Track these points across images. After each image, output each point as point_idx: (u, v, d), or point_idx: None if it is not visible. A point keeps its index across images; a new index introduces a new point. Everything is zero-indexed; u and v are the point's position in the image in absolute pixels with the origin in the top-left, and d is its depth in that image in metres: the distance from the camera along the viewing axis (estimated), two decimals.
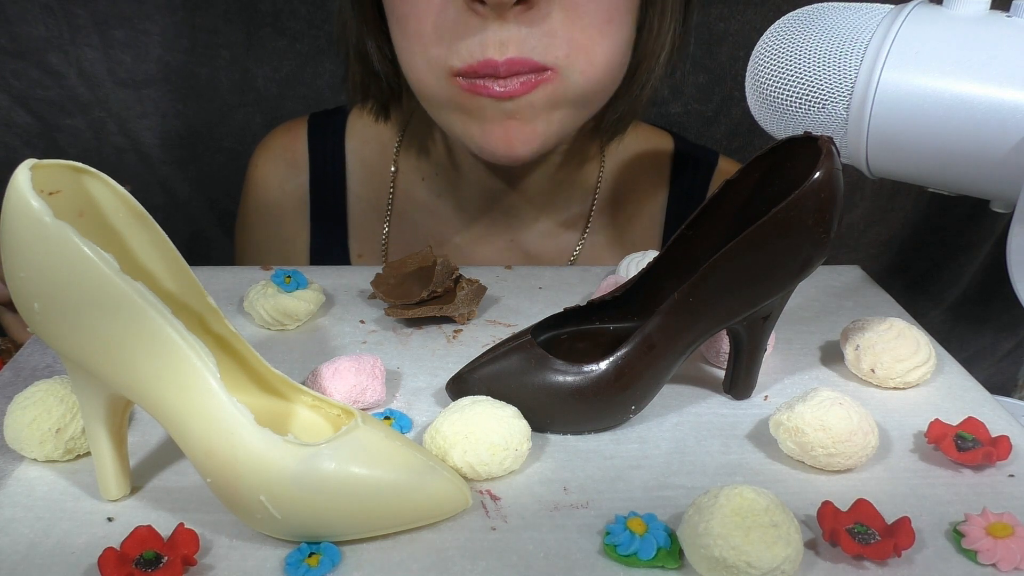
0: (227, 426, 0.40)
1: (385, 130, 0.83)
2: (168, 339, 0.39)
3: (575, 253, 0.83)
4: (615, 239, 0.83)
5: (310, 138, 0.84)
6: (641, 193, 0.84)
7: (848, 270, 0.73)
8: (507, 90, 0.63)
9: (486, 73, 0.62)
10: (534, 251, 0.83)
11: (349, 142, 0.84)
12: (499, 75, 0.62)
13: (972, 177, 0.53)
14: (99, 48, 0.94)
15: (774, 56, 0.58)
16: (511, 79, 0.63)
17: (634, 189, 0.84)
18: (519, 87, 0.63)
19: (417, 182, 0.82)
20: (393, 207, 0.82)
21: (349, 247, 0.84)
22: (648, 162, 0.84)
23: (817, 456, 0.47)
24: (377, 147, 0.83)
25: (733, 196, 0.53)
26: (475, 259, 0.82)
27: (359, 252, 0.84)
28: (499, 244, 0.83)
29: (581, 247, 0.83)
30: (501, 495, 0.46)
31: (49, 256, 0.38)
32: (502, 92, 0.63)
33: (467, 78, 0.63)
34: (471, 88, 0.64)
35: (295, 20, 0.96)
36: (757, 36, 0.60)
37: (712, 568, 0.39)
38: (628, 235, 0.84)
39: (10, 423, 0.47)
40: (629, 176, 0.84)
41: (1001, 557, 0.42)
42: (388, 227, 0.82)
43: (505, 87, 0.63)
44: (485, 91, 0.63)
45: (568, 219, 0.83)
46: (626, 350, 0.50)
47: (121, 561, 0.39)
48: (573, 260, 0.83)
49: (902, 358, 0.56)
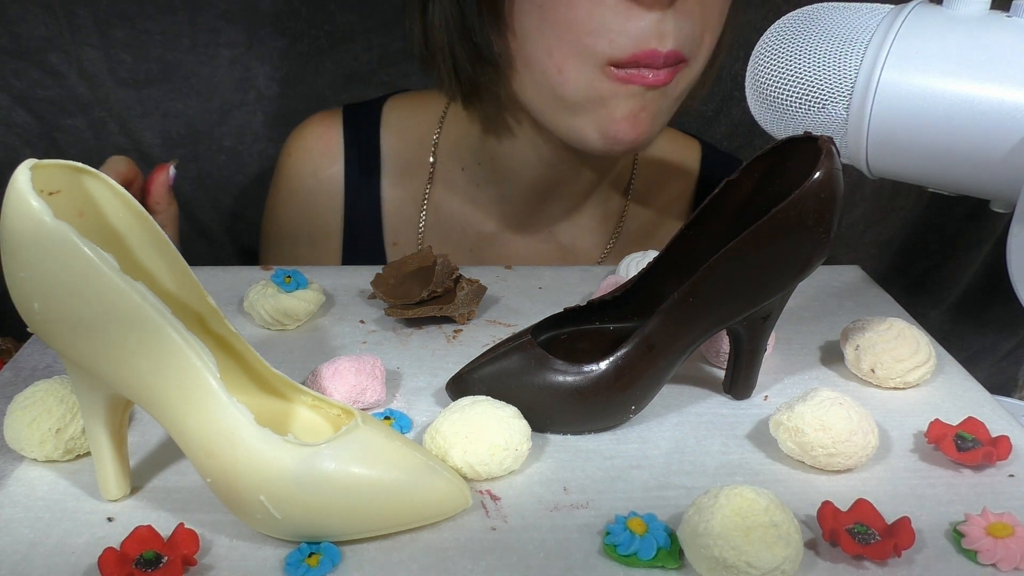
0: (227, 426, 0.40)
1: (423, 121, 0.83)
2: (168, 339, 0.39)
3: (608, 248, 0.84)
4: (645, 238, 0.85)
5: (345, 128, 0.84)
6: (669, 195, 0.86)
7: (848, 270, 0.73)
8: (659, 78, 0.64)
9: (647, 63, 0.63)
10: (569, 246, 0.84)
11: (384, 132, 0.84)
12: (657, 65, 0.63)
13: (972, 177, 0.53)
14: (100, 48, 0.93)
15: (774, 56, 0.58)
16: (664, 69, 0.64)
17: (664, 190, 0.85)
18: (667, 76, 0.65)
19: (456, 172, 0.82)
20: (430, 197, 0.82)
21: (384, 236, 0.84)
22: (676, 165, 0.86)
23: (817, 456, 0.47)
24: (415, 138, 0.84)
25: (733, 196, 0.53)
26: (510, 249, 0.83)
27: (394, 240, 0.84)
28: (537, 236, 0.83)
29: (613, 243, 0.84)
30: (501, 495, 0.46)
31: (49, 256, 0.38)
32: (655, 80, 0.64)
33: (623, 68, 0.64)
34: (624, 78, 0.64)
35: (296, 20, 0.96)
36: (757, 36, 0.60)
37: (712, 568, 0.39)
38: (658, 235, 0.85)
39: (10, 423, 0.47)
40: (660, 177, 0.85)
41: (1001, 557, 0.42)
42: (425, 215, 0.82)
43: (658, 76, 0.64)
44: (639, 80, 0.64)
45: (603, 215, 0.84)
46: (626, 350, 0.50)
47: (121, 561, 0.39)
48: (604, 256, 0.84)
49: (902, 358, 0.56)
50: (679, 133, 0.88)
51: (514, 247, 0.83)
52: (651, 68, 0.64)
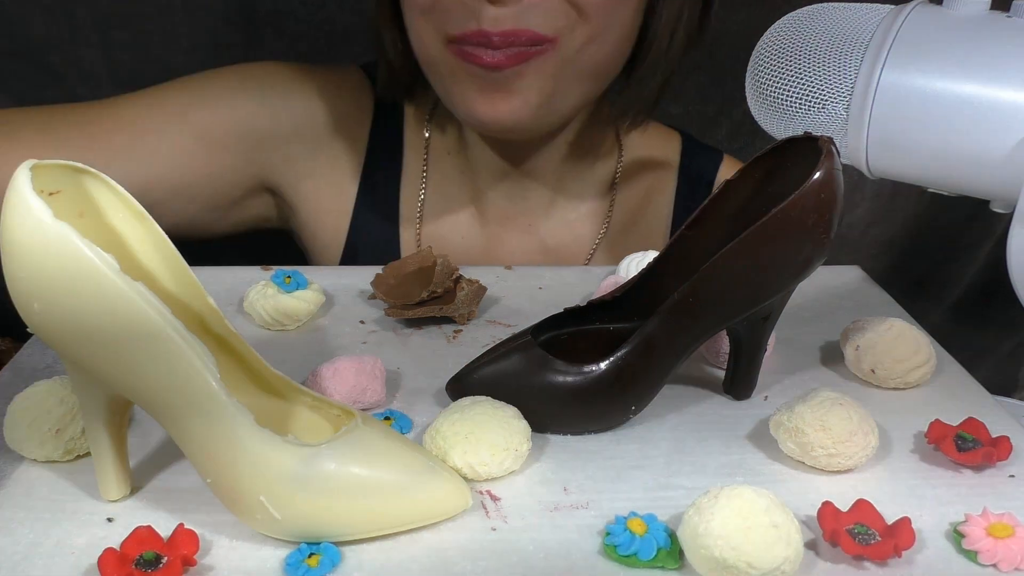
0: (227, 426, 0.40)
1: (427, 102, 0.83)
2: (168, 339, 0.39)
3: (595, 245, 0.84)
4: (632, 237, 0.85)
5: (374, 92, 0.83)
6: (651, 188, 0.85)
7: (848, 270, 0.73)
8: (495, 60, 0.63)
9: (478, 42, 0.63)
10: (552, 241, 0.83)
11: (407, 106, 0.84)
12: (492, 45, 0.63)
13: (972, 177, 0.53)
14: (100, 48, 0.94)
15: (774, 56, 0.58)
16: (502, 50, 0.63)
17: (646, 184, 0.85)
18: (507, 59, 0.64)
19: (443, 155, 0.82)
20: (428, 177, 0.82)
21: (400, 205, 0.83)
22: (658, 158, 0.86)
23: (817, 456, 0.47)
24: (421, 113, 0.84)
25: (733, 196, 0.53)
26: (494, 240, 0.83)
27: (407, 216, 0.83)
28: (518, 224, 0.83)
29: (600, 241, 0.84)
30: (501, 495, 0.46)
31: (49, 256, 0.38)
32: (491, 61, 0.64)
33: (459, 44, 0.64)
34: (462, 55, 0.65)
35: (295, 21, 0.96)
36: (757, 36, 0.60)
37: (712, 568, 0.39)
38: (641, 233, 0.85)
39: (10, 423, 0.47)
40: (642, 170, 0.85)
41: (1002, 557, 0.42)
42: (424, 193, 0.82)
43: (494, 57, 0.63)
44: (475, 59, 0.64)
45: (587, 212, 0.84)
46: (626, 350, 0.50)
47: (121, 561, 0.39)
48: (591, 256, 0.84)
49: (902, 358, 0.56)
50: (660, 126, 0.87)
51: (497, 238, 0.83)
52: (485, 47, 0.63)
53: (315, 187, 0.81)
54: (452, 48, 0.65)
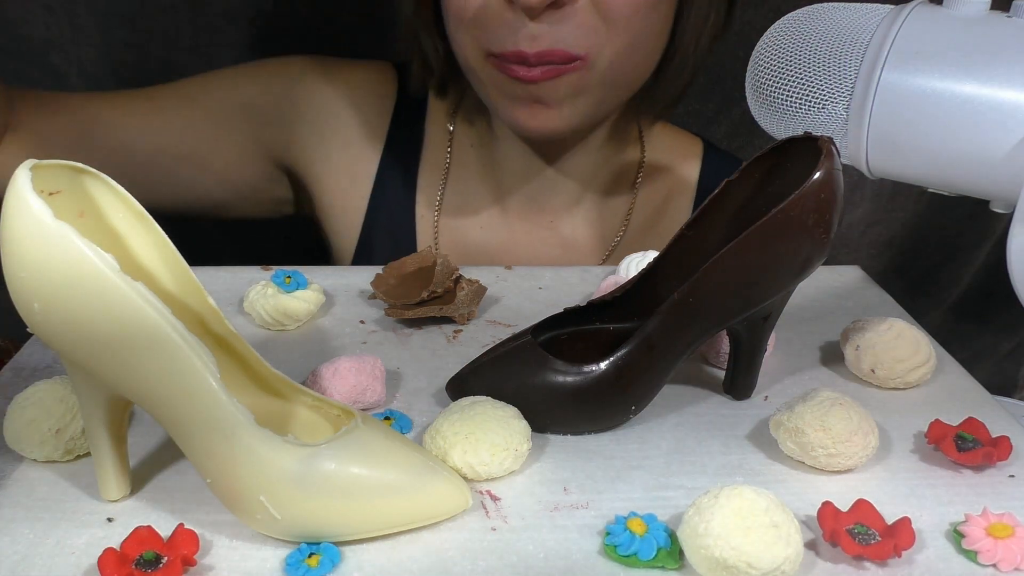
0: (227, 426, 0.40)
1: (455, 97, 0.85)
2: (168, 339, 0.39)
3: (614, 244, 0.84)
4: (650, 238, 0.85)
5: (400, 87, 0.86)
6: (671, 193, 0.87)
7: (848, 270, 0.73)
8: (532, 75, 0.68)
9: (516, 61, 0.68)
10: (571, 239, 0.84)
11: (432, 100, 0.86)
12: (528, 63, 0.68)
13: (972, 177, 0.53)
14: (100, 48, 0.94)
15: (774, 56, 0.58)
16: (538, 67, 0.68)
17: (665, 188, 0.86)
18: (541, 74, 0.68)
19: (467, 148, 0.84)
20: (450, 170, 0.85)
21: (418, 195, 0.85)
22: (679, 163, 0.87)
23: (817, 456, 0.47)
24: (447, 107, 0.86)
25: (733, 196, 0.53)
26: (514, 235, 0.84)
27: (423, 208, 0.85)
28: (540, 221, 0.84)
29: (618, 241, 0.84)
30: (501, 495, 0.46)
31: (49, 256, 0.38)
32: (526, 75, 0.68)
33: (498, 59, 0.69)
34: (501, 67, 0.69)
35: (296, 20, 0.96)
36: (757, 36, 0.60)
37: (712, 568, 0.39)
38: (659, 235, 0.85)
39: (10, 423, 0.47)
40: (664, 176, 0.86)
41: (1001, 557, 0.42)
42: (444, 185, 0.84)
43: (529, 72, 0.68)
44: (512, 72, 0.69)
45: (608, 212, 0.85)
46: (626, 350, 0.50)
47: (121, 561, 0.39)
48: (608, 256, 0.84)
49: (902, 358, 0.56)
50: (681, 131, 0.89)
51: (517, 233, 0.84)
52: (522, 64, 0.68)
53: (328, 171, 0.84)
54: (492, 60, 0.70)
